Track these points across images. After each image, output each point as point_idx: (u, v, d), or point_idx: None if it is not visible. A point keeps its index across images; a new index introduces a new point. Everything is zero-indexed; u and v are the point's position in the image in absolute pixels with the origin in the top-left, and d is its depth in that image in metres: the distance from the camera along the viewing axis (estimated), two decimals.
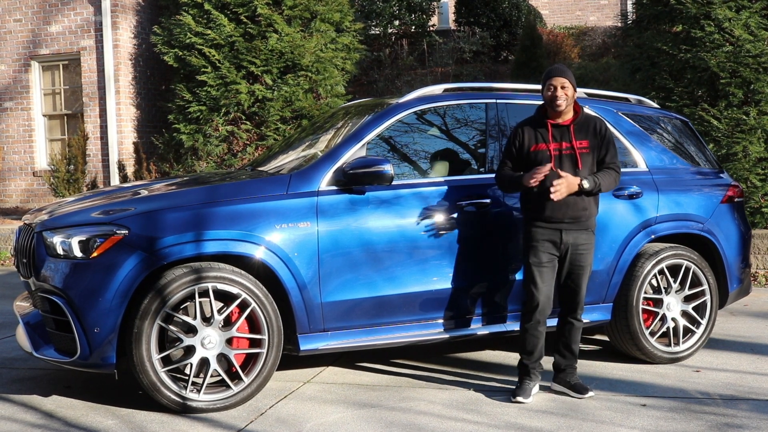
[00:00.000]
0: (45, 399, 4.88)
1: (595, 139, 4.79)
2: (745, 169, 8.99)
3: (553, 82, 4.71)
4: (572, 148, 4.73)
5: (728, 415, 4.51)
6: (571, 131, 4.75)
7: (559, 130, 4.77)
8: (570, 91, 4.72)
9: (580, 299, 4.86)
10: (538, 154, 4.76)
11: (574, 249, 4.78)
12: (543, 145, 4.75)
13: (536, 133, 4.79)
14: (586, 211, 4.77)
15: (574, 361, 4.94)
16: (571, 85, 4.72)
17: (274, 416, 4.53)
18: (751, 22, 9.03)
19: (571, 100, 4.75)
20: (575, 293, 4.85)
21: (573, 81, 4.74)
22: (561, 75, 4.72)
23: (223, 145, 11.20)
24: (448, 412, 4.59)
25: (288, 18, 11.18)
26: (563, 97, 4.70)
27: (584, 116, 4.85)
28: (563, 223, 4.74)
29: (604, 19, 19.88)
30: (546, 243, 4.76)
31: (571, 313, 4.89)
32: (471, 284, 5.12)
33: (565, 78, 4.71)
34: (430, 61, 15.82)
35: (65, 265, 4.53)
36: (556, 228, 4.74)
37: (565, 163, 4.73)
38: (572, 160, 4.74)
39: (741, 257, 5.99)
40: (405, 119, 5.25)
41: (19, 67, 12.95)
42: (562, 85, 4.70)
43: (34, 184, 13.02)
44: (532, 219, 4.81)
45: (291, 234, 4.70)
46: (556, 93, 4.70)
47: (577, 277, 4.82)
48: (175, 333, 4.52)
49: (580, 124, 4.79)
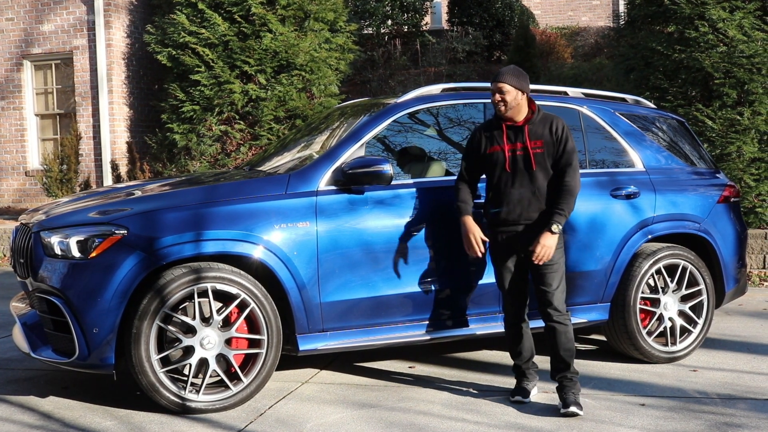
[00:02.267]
0: (42, 400, 4.85)
1: (550, 138, 4.65)
2: (739, 169, 9.03)
3: (492, 87, 4.67)
4: (525, 149, 4.63)
5: (727, 415, 4.52)
6: (525, 131, 4.65)
7: (514, 131, 4.68)
8: (510, 95, 4.60)
9: (551, 299, 4.62)
10: (494, 156, 4.70)
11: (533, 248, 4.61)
12: (498, 147, 4.69)
13: (493, 135, 4.72)
14: (542, 212, 4.63)
15: (566, 371, 4.64)
16: (512, 88, 4.60)
17: (274, 417, 4.52)
18: (745, 23, 9.07)
19: (515, 103, 4.62)
20: (545, 293, 4.63)
21: (515, 83, 4.61)
22: (499, 80, 4.63)
23: (217, 144, 11.18)
24: (448, 412, 4.59)
25: (282, 17, 11.16)
26: (501, 102, 4.62)
27: (541, 115, 4.72)
28: (518, 224, 4.65)
29: (596, 19, 19.93)
30: (506, 245, 4.70)
31: (545, 315, 4.67)
32: (469, 284, 5.12)
33: (503, 82, 4.61)
34: (423, 61, 15.83)
35: (63, 265, 4.51)
36: (513, 230, 4.67)
37: (519, 164, 4.64)
38: (526, 160, 4.63)
39: (737, 257, 6.01)
40: (403, 119, 5.24)
41: (11, 66, 12.89)
42: (499, 89, 4.62)
43: (26, 183, 12.96)
44: (490, 223, 4.77)
45: (290, 234, 4.69)
46: (494, 98, 4.65)
47: (545, 276, 4.62)
48: (174, 333, 4.50)
49: (536, 124, 4.68)
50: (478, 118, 5.39)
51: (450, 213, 5.03)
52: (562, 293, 4.66)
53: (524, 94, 4.68)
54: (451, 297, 5.09)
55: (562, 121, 4.74)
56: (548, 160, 4.66)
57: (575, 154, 4.69)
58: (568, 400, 4.54)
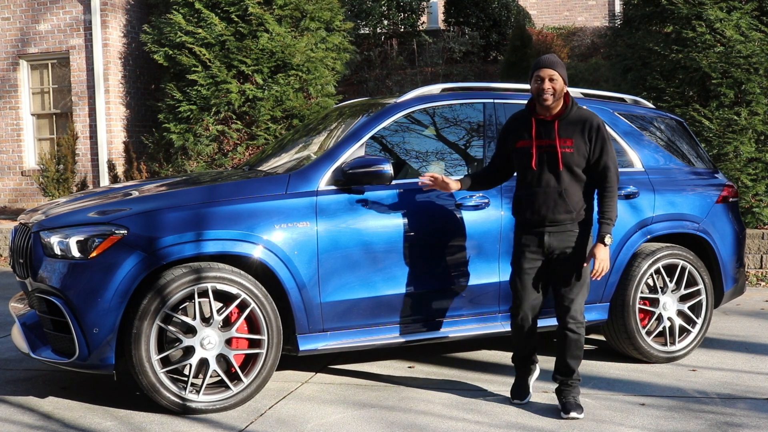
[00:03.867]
0: (42, 400, 4.84)
1: (582, 138, 4.42)
2: (736, 170, 9.05)
3: (541, 74, 4.38)
4: (554, 147, 4.41)
5: (727, 414, 4.53)
6: (555, 128, 4.43)
7: (545, 127, 4.45)
8: (559, 84, 4.38)
9: (570, 305, 4.49)
10: (521, 151, 4.53)
11: (561, 252, 4.50)
12: (527, 142, 4.50)
13: (522, 129, 4.53)
14: (569, 215, 4.45)
15: (568, 377, 4.59)
16: (560, 78, 4.39)
17: (274, 417, 4.51)
18: (742, 23, 9.09)
19: (560, 94, 4.42)
20: (565, 299, 4.51)
21: (563, 73, 4.42)
22: (549, 66, 4.38)
23: (214, 144, 11.16)
24: (448, 411, 4.59)
25: (279, 17, 11.15)
26: (550, 91, 4.37)
27: (575, 112, 4.48)
28: (544, 226, 4.48)
29: (591, 19, 19.95)
30: (529, 247, 4.54)
31: (561, 322, 4.55)
32: (469, 284, 5.11)
33: (554, 70, 4.38)
34: (420, 60, 15.83)
35: (63, 265, 4.49)
36: (538, 231, 4.51)
37: (547, 163, 4.44)
38: (553, 159, 4.43)
39: (736, 257, 6.02)
40: (403, 119, 5.24)
41: (7, 65, 12.85)
42: (550, 77, 4.37)
43: (22, 183, 12.92)
44: (517, 223, 4.67)
45: (290, 234, 4.68)
46: (543, 86, 4.37)
47: (566, 279, 4.50)
48: (175, 333, 4.49)
49: (568, 121, 4.44)
50: (478, 119, 5.39)
51: (450, 213, 5.04)
52: (582, 301, 4.54)
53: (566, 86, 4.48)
54: (452, 297, 5.08)
55: (597, 120, 4.47)
56: (579, 161, 4.43)
57: (613, 156, 4.47)
58: (569, 404, 4.51)
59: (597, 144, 4.45)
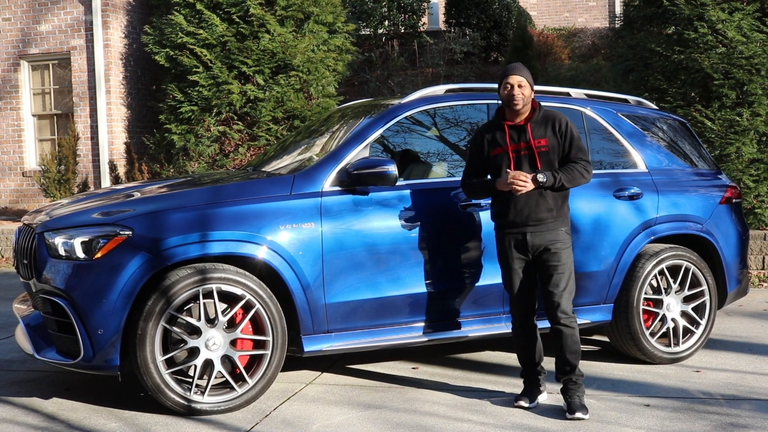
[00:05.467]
0: (46, 401, 4.83)
1: (554, 136, 4.60)
2: (738, 170, 9.05)
3: (510, 81, 4.55)
4: (530, 148, 4.57)
5: (732, 415, 4.53)
6: (528, 130, 4.59)
7: (517, 131, 4.61)
8: (527, 90, 4.56)
9: (559, 301, 4.56)
10: (498, 158, 4.64)
11: (544, 251, 4.59)
12: (501, 149, 4.63)
13: (495, 137, 4.66)
14: (551, 212, 4.58)
15: (571, 373, 4.60)
16: (528, 84, 4.57)
17: (279, 418, 4.51)
18: (744, 24, 9.10)
19: (528, 99, 4.59)
20: (552, 294, 4.57)
21: (530, 79, 4.60)
22: (517, 73, 4.56)
23: (215, 145, 11.16)
24: (454, 413, 4.59)
25: (281, 18, 11.15)
26: (520, 96, 4.54)
27: (543, 113, 4.66)
28: (527, 226, 4.59)
29: (592, 20, 19.95)
30: (513, 248, 4.64)
31: (552, 318, 4.60)
32: (474, 285, 5.11)
33: (521, 76, 4.55)
34: (421, 61, 15.83)
35: (67, 266, 4.49)
36: (520, 231, 4.61)
37: (524, 164, 4.58)
38: (531, 160, 4.58)
39: (739, 258, 6.02)
40: (408, 120, 5.24)
41: (8, 66, 12.85)
42: (519, 83, 4.54)
43: (23, 184, 12.92)
44: (498, 225, 4.74)
45: (295, 235, 4.68)
46: (512, 92, 4.54)
47: (551, 277, 4.58)
48: (179, 334, 4.48)
49: (538, 122, 4.62)
50: (482, 119, 5.38)
51: (454, 214, 5.04)
52: (569, 295, 4.61)
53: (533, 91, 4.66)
54: (456, 298, 5.08)
55: (563, 118, 4.67)
56: (555, 158, 4.61)
57: (583, 148, 4.64)
58: (574, 404, 4.52)
59: (566, 139, 4.62)
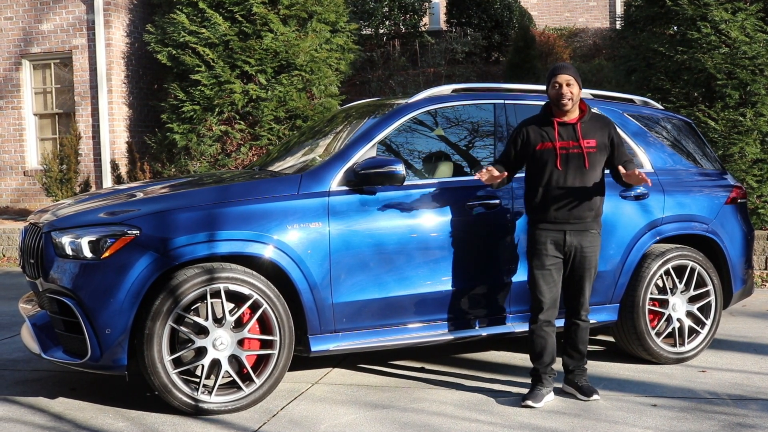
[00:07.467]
0: (52, 401, 4.83)
1: (603, 138, 4.73)
2: (741, 171, 9.06)
3: (558, 80, 4.64)
4: (580, 147, 4.67)
5: (739, 415, 4.53)
6: (578, 130, 4.69)
7: (566, 129, 4.70)
8: (576, 89, 4.66)
9: (584, 300, 4.81)
10: (544, 153, 4.70)
11: (579, 251, 4.72)
12: (549, 144, 4.69)
13: (542, 132, 4.73)
14: (591, 212, 4.72)
15: (582, 361, 4.88)
16: (576, 83, 4.66)
17: (287, 418, 4.50)
18: (747, 25, 9.10)
19: (577, 98, 4.69)
20: (579, 294, 4.80)
21: (578, 78, 4.69)
22: (566, 72, 4.66)
23: (217, 144, 11.15)
24: (461, 412, 4.58)
25: (284, 17, 11.14)
26: (569, 95, 4.63)
27: (591, 115, 4.79)
28: (568, 224, 4.69)
29: (592, 20, 19.96)
30: (550, 245, 4.71)
31: (575, 315, 4.84)
32: (480, 286, 5.11)
33: (570, 75, 4.65)
34: (422, 61, 15.83)
35: (75, 265, 4.48)
36: (560, 229, 4.70)
37: (571, 163, 4.67)
38: (579, 159, 4.67)
39: (744, 258, 6.02)
40: (415, 119, 5.23)
41: (10, 65, 12.83)
42: (567, 82, 4.64)
43: (24, 183, 12.91)
44: (536, 221, 4.77)
45: (302, 234, 4.67)
46: (561, 91, 4.64)
47: (582, 278, 4.77)
48: (187, 334, 4.47)
49: (588, 123, 4.73)
50: (489, 119, 5.38)
51: (460, 213, 5.03)
52: (590, 293, 4.87)
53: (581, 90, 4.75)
54: (462, 298, 5.07)
55: (612, 122, 4.86)
56: (601, 160, 4.74)
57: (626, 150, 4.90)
58: (585, 387, 4.82)
59: (615, 143, 4.78)
